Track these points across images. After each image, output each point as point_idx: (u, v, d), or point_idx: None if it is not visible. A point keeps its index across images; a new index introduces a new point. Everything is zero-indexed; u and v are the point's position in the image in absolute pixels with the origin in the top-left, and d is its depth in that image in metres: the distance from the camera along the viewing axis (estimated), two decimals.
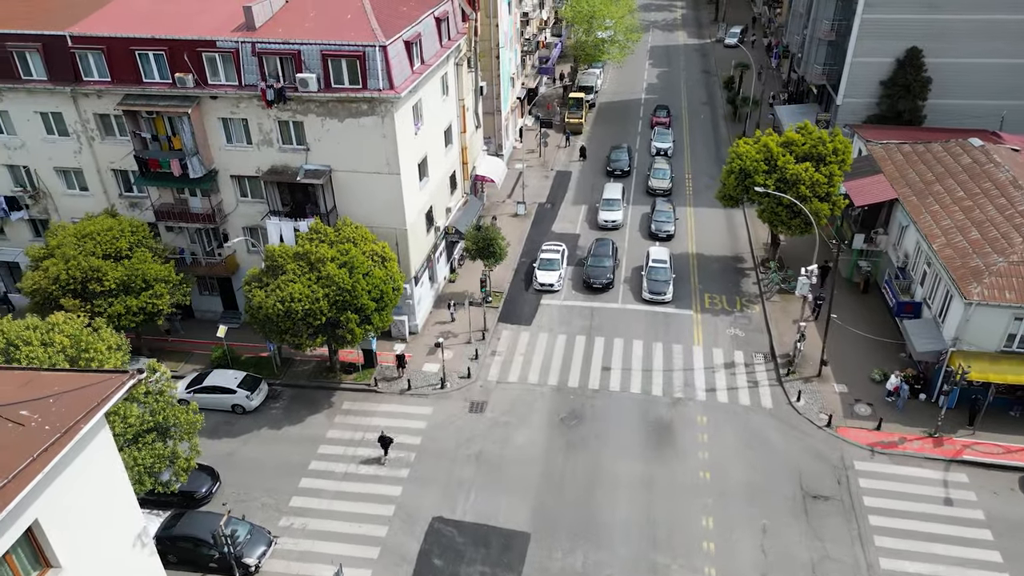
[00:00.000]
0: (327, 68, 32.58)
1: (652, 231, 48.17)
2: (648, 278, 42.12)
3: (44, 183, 37.63)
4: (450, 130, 42.34)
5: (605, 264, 43.35)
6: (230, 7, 34.56)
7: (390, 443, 31.48)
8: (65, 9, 35.60)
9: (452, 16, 40.66)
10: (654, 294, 41.34)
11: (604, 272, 42.88)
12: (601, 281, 42.57)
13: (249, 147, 35.10)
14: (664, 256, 43.60)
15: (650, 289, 41.49)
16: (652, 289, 41.46)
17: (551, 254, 44.41)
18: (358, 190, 35.33)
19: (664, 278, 41.87)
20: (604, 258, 43.86)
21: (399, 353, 34.85)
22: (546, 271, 43.29)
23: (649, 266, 42.89)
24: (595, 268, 43.15)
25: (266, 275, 32.41)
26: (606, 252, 44.38)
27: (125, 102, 33.99)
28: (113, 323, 33.04)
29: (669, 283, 41.68)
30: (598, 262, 43.55)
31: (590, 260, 43.92)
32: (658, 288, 41.42)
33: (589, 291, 42.63)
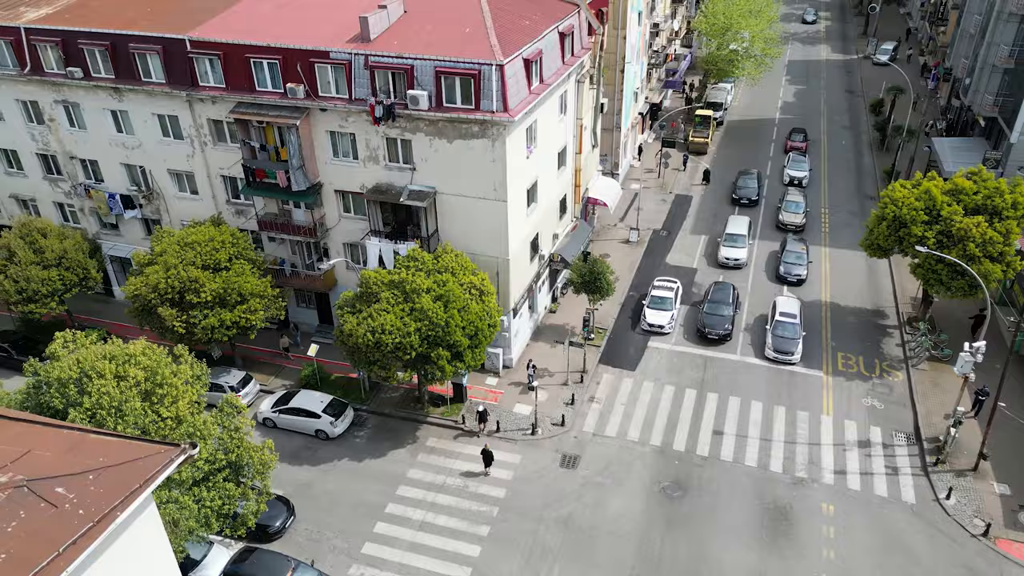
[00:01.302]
0: (439, 86, 30.52)
1: (780, 274, 43.27)
2: (773, 333, 37.36)
3: (157, 184, 37.83)
4: (564, 152, 39.52)
5: (723, 312, 39.00)
6: (348, 16, 33.16)
7: (492, 459, 30.55)
8: (188, 13, 35.42)
9: (577, 30, 37.74)
10: (779, 353, 36.61)
11: (722, 322, 38.55)
12: (718, 331, 38.27)
13: (355, 163, 33.66)
14: (794, 309, 38.65)
15: (775, 347, 36.80)
16: (777, 347, 36.75)
17: (664, 291, 40.61)
18: (462, 215, 33.17)
19: (792, 335, 37.02)
20: (723, 305, 39.47)
21: (480, 410, 32.26)
22: (657, 310, 39.57)
23: (775, 320, 37.98)
24: (712, 316, 38.85)
25: (360, 301, 30.79)
26: (725, 298, 39.95)
27: (237, 110, 33.31)
28: (207, 335, 32.54)
29: (798, 341, 36.76)
30: (715, 309, 39.25)
31: (706, 306, 39.62)
32: (785, 347, 36.63)
33: (703, 341, 38.57)
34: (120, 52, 34.36)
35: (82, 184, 39.06)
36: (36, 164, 39.51)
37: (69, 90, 36.19)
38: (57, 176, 39.58)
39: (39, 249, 35.76)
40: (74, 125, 37.46)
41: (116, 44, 34.30)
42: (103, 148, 37.56)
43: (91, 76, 35.27)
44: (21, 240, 35.72)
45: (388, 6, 32.45)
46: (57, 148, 38.45)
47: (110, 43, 34.28)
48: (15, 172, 40.28)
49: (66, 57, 35.30)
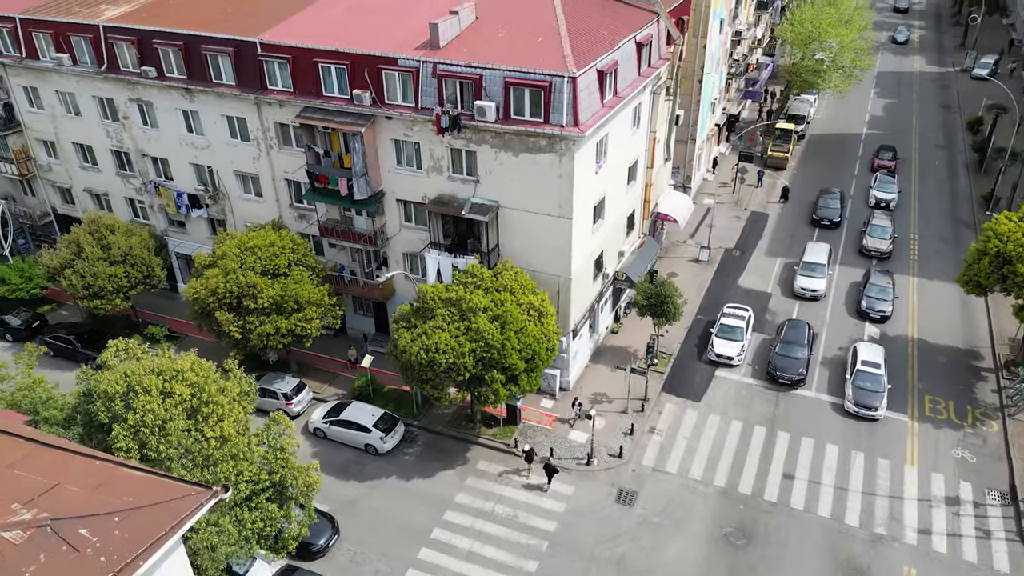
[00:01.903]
0: (508, 97, 29.26)
1: (862, 308, 39.86)
2: (854, 384, 33.53)
3: (224, 185, 37.87)
4: (635, 166, 37.73)
5: (797, 355, 35.57)
6: (418, 22, 32.28)
7: (555, 472, 29.68)
8: (260, 14, 35.20)
9: (656, 40, 35.90)
10: (861, 407, 32.89)
11: (795, 365, 35.14)
12: (790, 376, 34.90)
13: (418, 172, 32.76)
14: (878, 357, 34.71)
15: (856, 400, 33.08)
16: (859, 400, 33.02)
17: (734, 320, 38.15)
18: (524, 230, 31.86)
19: (876, 387, 33.22)
20: (796, 347, 36.00)
21: (527, 448, 30.68)
22: (726, 340, 37.16)
23: (856, 369, 34.07)
24: (784, 359, 35.50)
25: (415, 316, 29.85)
26: (799, 339, 36.53)
27: (303, 114, 32.86)
28: (261, 341, 32.21)
29: (882, 395, 32.95)
30: (788, 351, 35.83)
31: (778, 347, 36.16)
32: (867, 400, 32.89)
33: (774, 384, 35.54)
34: (193, 53, 34.41)
35: (152, 182, 39.50)
36: (110, 160, 40.17)
37: (143, 89, 36.54)
38: (129, 172, 40.15)
39: (106, 245, 36.22)
40: (147, 123, 37.84)
41: (189, 45, 34.37)
42: (173, 147, 37.83)
43: (164, 76, 35.48)
44: (90, 236, 36.26)
45: (460, 12, 31.39)
46: (130, 145, 38.96)
47: (183, 44, 34.37)
48: (90, 167, 41.08)
49: (141, 56, 35.61)
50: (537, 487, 30.14)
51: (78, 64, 37.33)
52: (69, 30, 36.75)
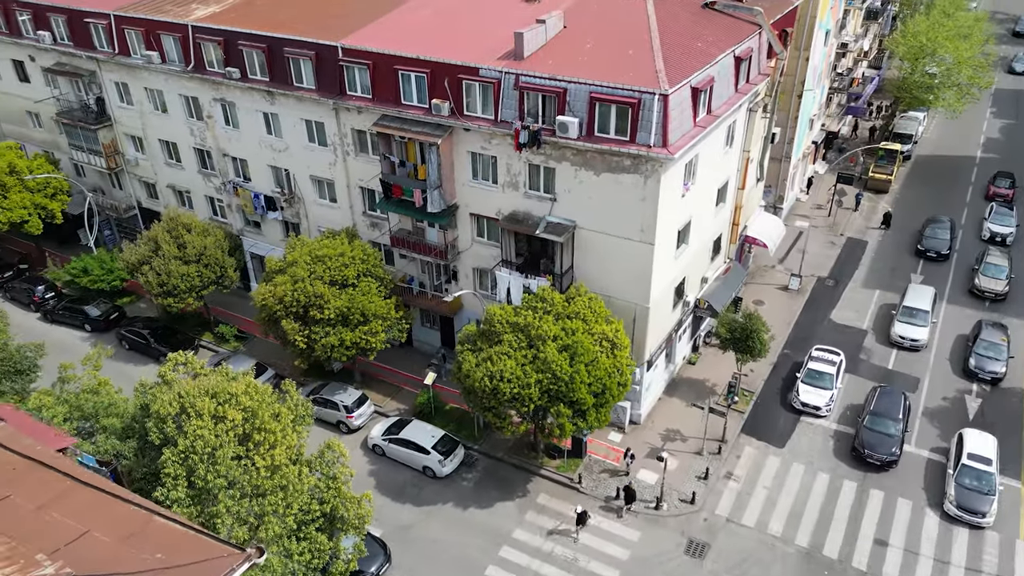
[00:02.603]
0: (592, 113, 27.48)
1: (970, 367, 35.15)
2: (957, 483, 28.59)
3: (299, 188, 37.54)
4: (725, 187, 35.25)
5: (889, 431, 30.77)
6: (503, 30, 30.82)
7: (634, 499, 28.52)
8: (344, 17, 34.56)
9: (756, 54, 33.35)
10: (965, 511, 28.00)
11: (887, 444, 30.40)
12: (880, 456, 30.21)
13: (493, 187, 31.38)
14: (988, 450, 29.45)
15: (959, 501, 28.17)
16: (962, 502, 28.11)
17: (823, 365, 34.54)
18: (601, 253, 30.02)
19: (985, 488, 28.22)
20: (888, 421, 31.11)
21: (580, 511, 28.59)
22: (813, 387, 33.58)
23: (961, 464, 29.00)
24: (873, 435, 30.83)
25: (481, 339, 28.48)
26: (892, 411, 31.61)
27: (381, 122, 32.00)
28: (326, 352, 31.54)
29: (992, 499, 27.97)
30: (879, 425, 31.06)
31: (867, 419, 31.41)
32: (972, 503, 27.96)
33: (862, 464, 30.79)
34: (275, 55, 34.08)
35: (231, 181, 39.62)
36: (193, 158, 40.54)
37: (227, 89, 36.55)
38: (210, 171, 40.42)
39: (182, 244, 36.42)
40: (229, 124, 37.90)
41: (272, 47, 34.05)
42: (253, 148, 37.76)
43: (247, 77, 35.34)
44: (167, 234, 36.55)
45: (547, 21, 29.79)
46: (212, 144, 39.17)
47: (267, 46, 34.08)
48: (174, 163, 41.61)
49: (226, 56, 35.58)
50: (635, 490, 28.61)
51: (166, 62, 37.71)
52: (159, 28, 37.14)
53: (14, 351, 28.48)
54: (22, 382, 28.82)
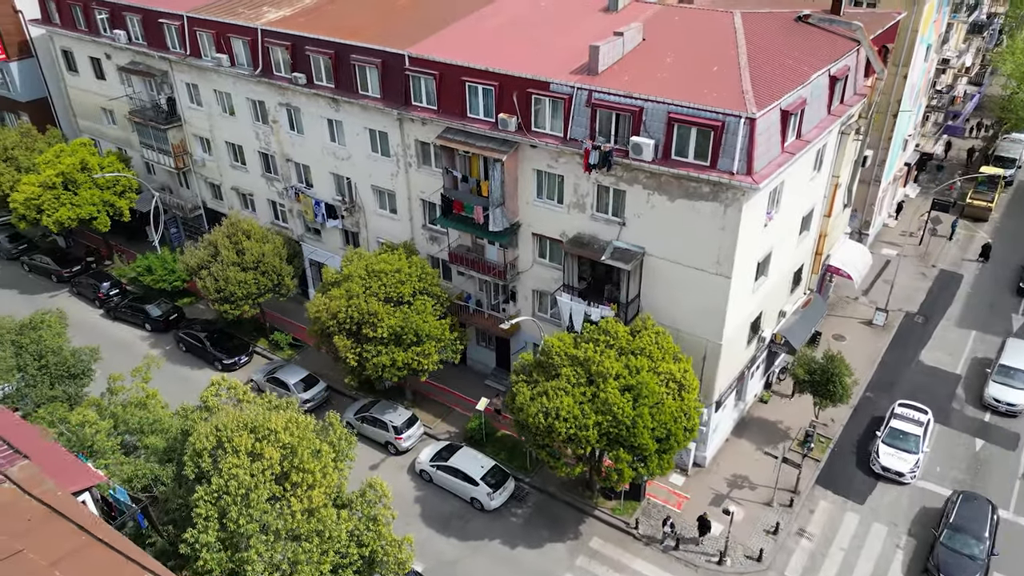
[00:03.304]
0: (670, 134, 25.43)
1: None
2: None
3: (360, 198, 36.65)
4: (811, 215, 32.58)
5: (971, 551, 25.67)
6: (578, 42, 29.14)
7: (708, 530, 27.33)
8: (415, 24, 33.40)
9: (852, 73, 30.60)
10: None
11: (967, 568, 25.25)
12: None
13: (559, 207, 29.65)
14: None
15: None
16: None
17: (908, 424, 30.82)
18: (671, 284, 27.92)
19: None
20: (970, 538, 26.04)
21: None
22: (895, 449, 30.03)
23: None
24: (951, 555, 25.65)
25: (538, 370, 26.80)
26: (975, 526, 26.38)
27: (444, 135, 30.70)
28: (377, 371, 30.45)
29: None
30: (958, 543, 25.95)
31: (944, 535, 26.34)
32: None
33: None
34: (342, 62, 33.21)
35: (294, 187, 39.08)
36: (257, 161, 40.21)
37: (292, 94, 35.95)
38: (273, 175, 40.01)
39: (241, 250, 36.00)
40: (294, 129, 37.33)
41: (339, 53, 33.18)
42: (316, 155, 37.07)
43: (313, 83, 34.61)
44: (227, 239, 36.19)
45: (625, 33, 27.86)
46: (276, 149, 38.70)
47: (334, 52, 33.23)
48: (239, 166, 41.40)
49: (293, 62, 34.95)
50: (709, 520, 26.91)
51: (235, 65, 37.40)
52: (229, 31, 36.83)
53: (69, 355, 28.33)
54: (75, 386, 28.69)
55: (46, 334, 28.24)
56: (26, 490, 13.46)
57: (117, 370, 36.24)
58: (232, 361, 37.68)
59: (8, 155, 43.97)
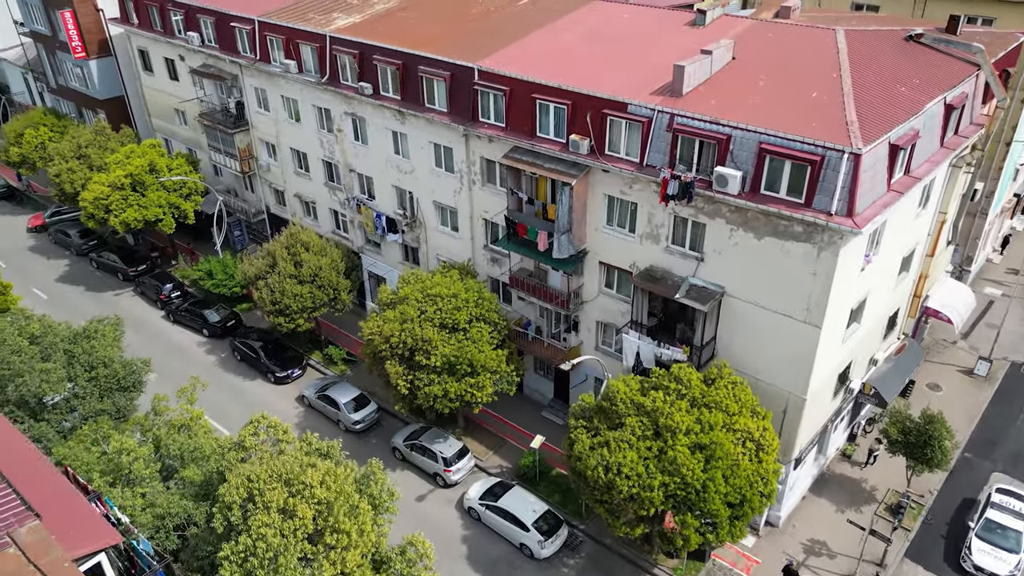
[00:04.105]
0: (760, 166, 22.91)
1: None
2: None
3: (422, 213, 35.24)
4: (912, 255, 29.40)
5: None
6: (661, 59, 26.88)
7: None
8: (487, 35, 31.73)
9: (970, 100, 27.28)
10: None
11: None
12: None
13: (630, 237, 27.43)
14: None
15: None
16: None
17: (1009, 517, 26.73)
18: (752, 329, 25.35)
19: None
20: None
21: None
22: (993, 546, 26.12)
23: None
24: None
25: (599, 416, 24.67)
26: None
27: (512, 155, 28.90)
28: (428, 401, 28.90)
29: None
30: None
31: None
32: None
33: None
34: (409, 73, 31.82)
35: (355, 198, 38.03)
36: (321, 170, 39.36)
37: (358, 104, 34.82)
38: (336, 185, 39.07)
39: (299, 263, 35.10)
40: (358, 139, 36.24)
41: (407, 64, 31.79)
42: (379, 167, 35.87)
43: (379, 94, 33.36)
44: (285, 251, 35.36)
45: (713, 52, 25.41)
46: (340, 158, 37.72)
47: (401, 63, 31.87)
48: (303, 173, 40.66)
49: (360, 71, 33.79)
50: None
51: (303, 72, 36.55)
52: (298, 37, 35.97)
53: (119, 367, 27.78)
54: (125, 399, 28.16)
55: (98, 344, 27.77)
56: (31, 559, 12.24)
57: (171, 376, 36.22)
58: (285, 374, 36.88)
59: (82, 153, 44.51)
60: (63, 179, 43.87)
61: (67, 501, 14.38)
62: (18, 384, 25.46)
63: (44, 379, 25.63)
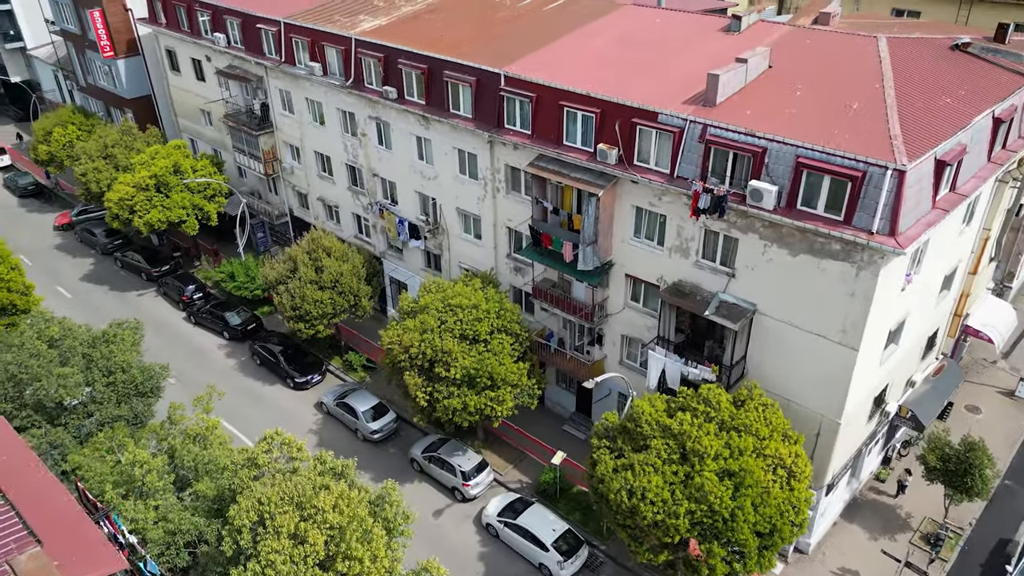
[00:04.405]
0: (797, 181, 21.93)
1: None
2: None
3: (445, 220, 34.63)
4: (954, 274, 28.15)
5: None
6: (693, 67, 25.99)
7: None
8: (515, 40, 31.03)
9: (1020, 113, 25.99)
10: None
11: None
12: None
13: (658, 250, 26.55)
14: None
15: None
16: None
17: None
18: (785, 349, 24.36)
19: None
20: None
21: None
22: None
23: None
24: None
25: (623, 437, 23.83)
26: None
27: (537, 163, 28.17)
28: (447, 414, 28.26)
29: None
30: None
31: None
32: None
33: None
34: (434, 78, 31.23)
35: (378, 203, 37.54)
36: (344, 174, 38.93)
37: (383, 108, 34.30)
38: (359, 189, 38.61)
39: (320, 268, 34.68)
40: (382, 143, 35.73)
41: (432, 69, 31.21)
42: (403, 172, 35.33)
43: (404, 99, 32.83)
44: (307, 256, 34.96)
45: (749, 60, 24.44)
46: (363, 162, 37.25)
47: (427, 67, 31.29)
48: (326, 176, 40.28)
49: (385, 74, 33.27)
50: None
51: (328, 75, 36.13)
52: (324, 40, 35.56)
53: (138, 372, 27.52)
54: (143, 404, 27.91)
55: (117, 349, 27.54)
56: None
57: (190, 380, 36.04)
58: (304, 380, 36.50)
59: (108, 152, 44.60)
60: (89, 178, 44.01)
61: (72, 523, 13.92)
62: (36, 388, 25.28)
63: (61, 384, 25.42)
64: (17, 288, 33.00)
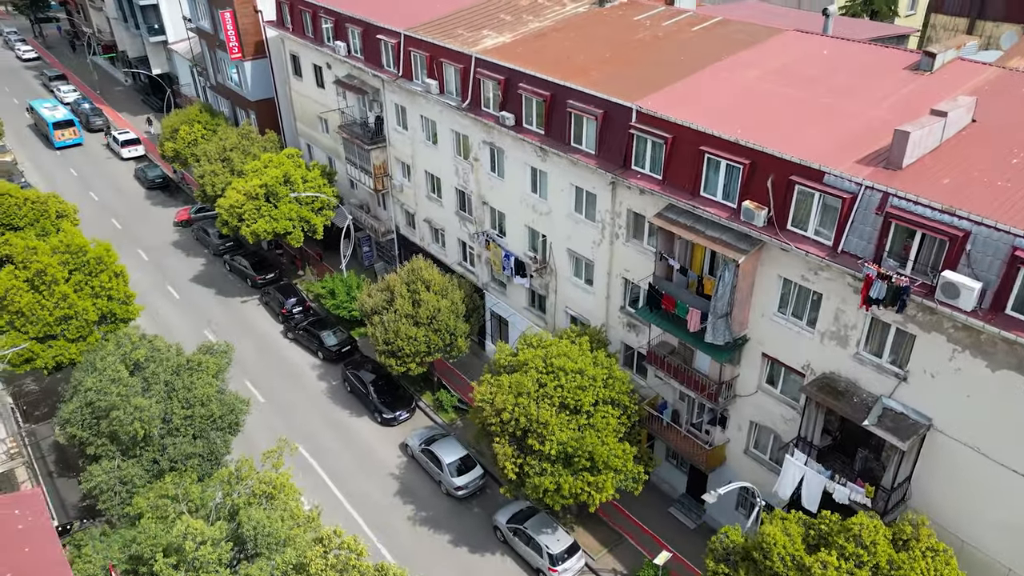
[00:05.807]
0: (1010, 278, 16.91)
1: None
2: None
3: (554, 260, 31.26)
4: None
5: None
6: (869, 115, 21.25)
7: None
8: (653, 66, 27.19)
9: None
10: None
11: None
12: None
13: (808, 331, 21.98)
14: None
15: None
16: None
17: None
18: (967, 480, 19.29)
19: None
20: None
21: None
22: None
23: None
24: None
25: (745, 566, 19.57)
26: None
27: (666, 214, 24.22)
28: (536, 494, 24.91)
29: None
30: None
31: None
32: None
33: None
34: (556, 105, 27.91)
35: (485, 232, 34.70)
36: (453, 197, 36.37)
37: (498, 134, 31.35)
38: (466, 215, 35.92)
39: (417, 301, 32.21)
40: (494, 171, 32.82)
41: (555, 96, 27.89)
42: (513, 203, 32.27)
43: (521, 126, 29.71)
44: (405, 287, 32.60)
45: (948, 113, 19.45)
46: (473, 188, 34.49)
47: (549, 94, 28.00)
48: (434, 198, 37.90)
49: (503, 99, 30.27)
50: None
51: (444, 93, 33.61)
52: (443, 56, 33.02)
53: (216, 407, 25.96)
54: (220, 439, 26.34)
55: (199, 380, 26.08)
56: None
57: (278, 403, 34.66)
58: (392, 416, 34.27)
59: (225, 156, 44.34)
60: (206, 181, 43.91)
61: None
62: (112, 419, 24.09)
63: (137, 416, 24.11)
64: (119, 297, 32.58)
